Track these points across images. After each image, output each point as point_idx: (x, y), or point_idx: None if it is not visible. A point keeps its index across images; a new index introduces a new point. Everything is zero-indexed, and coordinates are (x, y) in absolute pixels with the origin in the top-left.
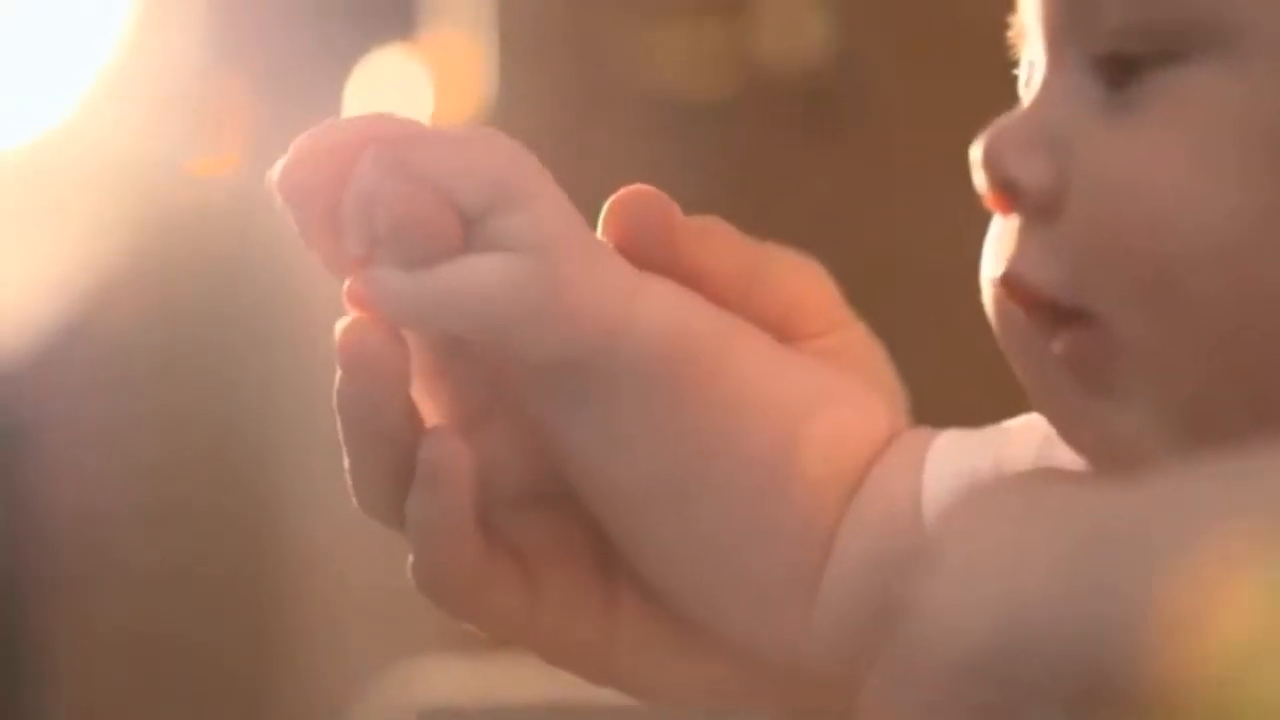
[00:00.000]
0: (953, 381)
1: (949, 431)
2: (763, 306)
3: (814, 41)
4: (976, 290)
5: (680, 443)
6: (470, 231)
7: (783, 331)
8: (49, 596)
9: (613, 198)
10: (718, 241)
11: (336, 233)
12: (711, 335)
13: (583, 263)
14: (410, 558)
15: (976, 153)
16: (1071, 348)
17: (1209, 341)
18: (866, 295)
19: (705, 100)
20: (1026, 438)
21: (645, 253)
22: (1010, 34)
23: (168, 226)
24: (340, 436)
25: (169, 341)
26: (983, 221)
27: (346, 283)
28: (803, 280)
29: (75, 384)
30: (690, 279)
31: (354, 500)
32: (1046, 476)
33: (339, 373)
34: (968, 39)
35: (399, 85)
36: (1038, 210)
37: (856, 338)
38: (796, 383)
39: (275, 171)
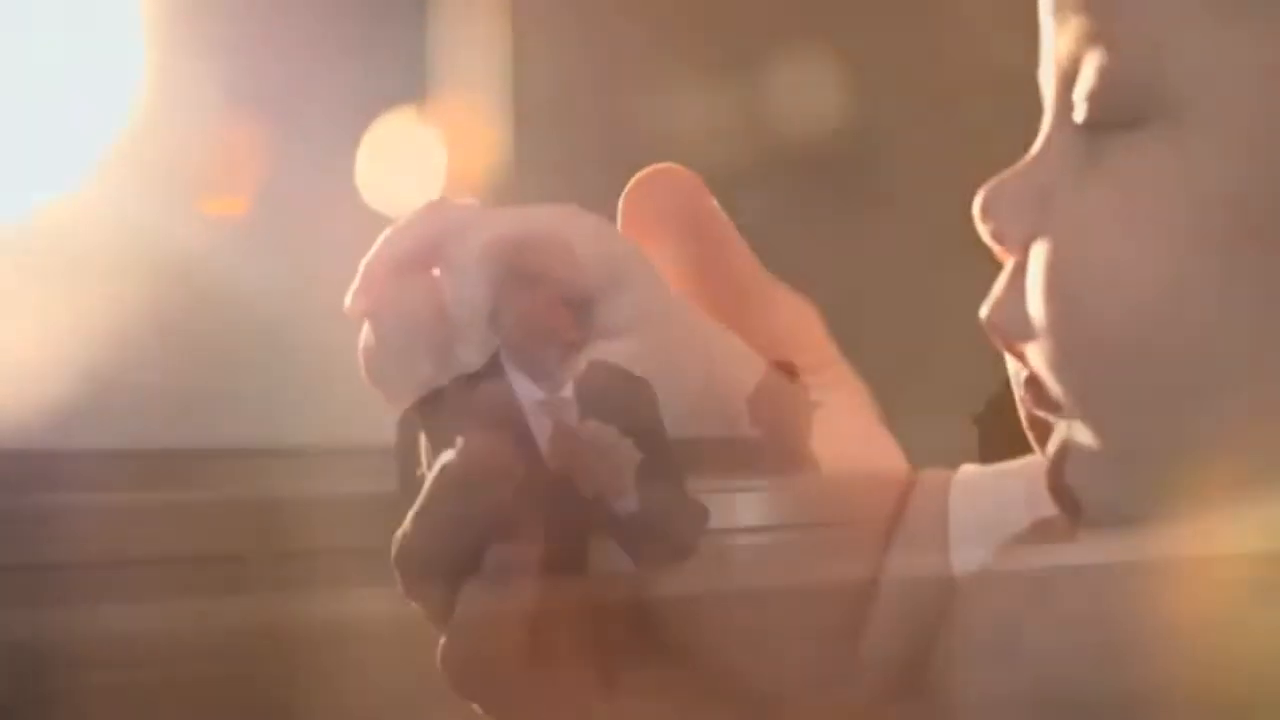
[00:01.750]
0: (973, 445)
1: (964, 468)
2: (766, 329)
3: (831, 111)
4: (995, 359)
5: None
6: (578, 316)
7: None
8: (66, 670)
9: (641, 173)
10: (738, 237)
11: (421, 341)
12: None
13: (683, 327)
14: (442, 643)
15: (977, 205)
16: (1025, 392)
17: (1127, 402)
18: (882, 363)
19: (721, 169)
20: None
21: (683, 219)
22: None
23: (184, 279)
24: (425, 509)
25: (188, 399)
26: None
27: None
28: (801, 312)
29: (96, 448)
30: (719, 264)
31: (399, 584)
32: (1059, 538)
33: (457, 448)
34: (984, 109)
35: (412, 148)
36: (1019, 260)
37: (847, 375)
38: (841, 430)
39: (350, 297)
